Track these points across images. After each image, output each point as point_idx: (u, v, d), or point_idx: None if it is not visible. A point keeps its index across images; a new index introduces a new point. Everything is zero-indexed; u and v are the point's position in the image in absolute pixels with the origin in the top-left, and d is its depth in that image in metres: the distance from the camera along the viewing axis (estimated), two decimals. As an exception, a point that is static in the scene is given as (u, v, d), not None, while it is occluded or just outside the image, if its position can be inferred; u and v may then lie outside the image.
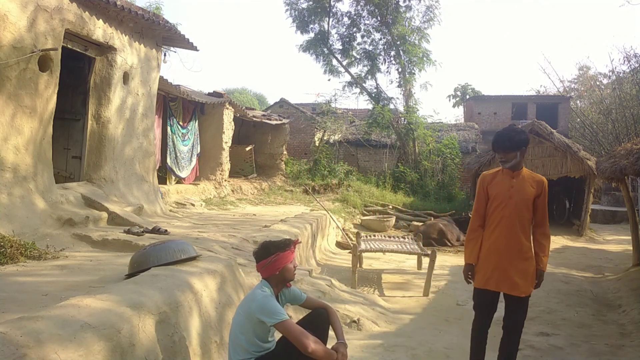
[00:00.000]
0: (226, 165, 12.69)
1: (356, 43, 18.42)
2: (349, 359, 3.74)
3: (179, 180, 11.03)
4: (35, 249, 4.52)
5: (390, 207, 13.61)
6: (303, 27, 17.93)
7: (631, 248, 8.21)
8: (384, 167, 17.85)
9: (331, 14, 17.96)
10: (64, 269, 4.11)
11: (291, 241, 2.95)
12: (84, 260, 4.55)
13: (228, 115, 12.59)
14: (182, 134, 10.89)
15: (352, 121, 20.64)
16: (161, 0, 24.37)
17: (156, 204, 8.24)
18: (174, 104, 10.54)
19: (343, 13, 18.24)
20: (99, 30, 6.59)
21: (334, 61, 18.40)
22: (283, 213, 10.01)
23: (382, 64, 18.32)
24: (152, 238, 5.47)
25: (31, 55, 5.24)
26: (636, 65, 16.91)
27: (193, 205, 9.95)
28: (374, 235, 8.83)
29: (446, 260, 8.77)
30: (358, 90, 18.78)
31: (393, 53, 18.00)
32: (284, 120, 16.58)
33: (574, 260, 9.01)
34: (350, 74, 18.59)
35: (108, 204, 6.54)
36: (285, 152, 17.01)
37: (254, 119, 15.09)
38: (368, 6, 17.64)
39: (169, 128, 10.33)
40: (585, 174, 12.30)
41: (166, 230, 6.06)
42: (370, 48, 18.28)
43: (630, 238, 8.36)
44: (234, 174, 14.13)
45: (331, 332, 2.98)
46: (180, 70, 39.79)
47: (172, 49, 10.38)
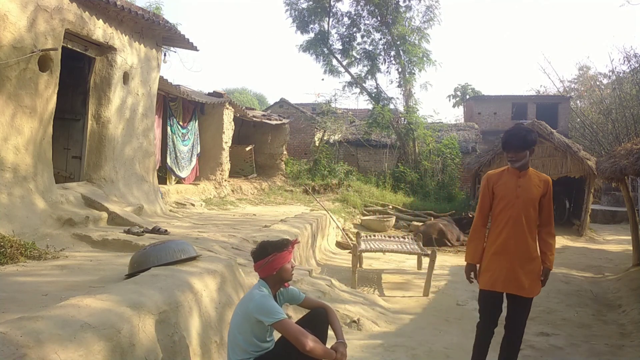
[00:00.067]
0: (226, 165, 12.69)
1: (356, 43, 18.45)
2: (349, 358, 3.74)
3: (179, 180, 11.03)
4: (35, 249, 4.52)
5: (390, 207, 13.61)
6: (303, 27, 17.93)
7: (631, 248, 8.21)
8: (384, 167, 17.86)
9: (331, 14, 17.96)
10: (64, 269, 4.11)
11: (289, 241, 2.93)
12: (84, 260, 4.55)
13: (228, 115, 12.59)
14: (182, 134, 10.89)
15: (352, 121, 20.64)
16: (161, 0, 24.38)
17: (156, 204, 8.25)
18: (174, 104, 10.54)
19: (343, 13, 18.28)
20: (99, 30, 6.59)
21: (334, 61, 18.42)
22: (283, 213, 10.01)
23: (382, 64, 18.35)
24: (152, 238, 5.47)
25: (31, 55, 5.24)
26: (636, 65, 16.92)
27: (193, 205, 9.96)
28: (374, 235, 8.83)
29: (446, 260, 8.77)
30: (358, 90, 18.79)
31: (393, 53, 18.00)
32: (284, 120, 16.58)
33: (574, 260, 9.01)
34: (350, 74, 18.61)
35: (108, 204, 6.54)
36: (285, 152, 17.01)
37: (254, 119, 15.09)
38: (368, 6, 17.64)
39: (169, 128, 10.33)
40: (585, 174, 12.30)
41: (166, 230, 6.06)
42: (370, 48, 18.30)
43: (630, 238, 8.37)
44: (234, 174, 14.13)
45: (331, 332, 2.98)
46: (180, 70, 39.85)
47: (172, 49, 10.39)
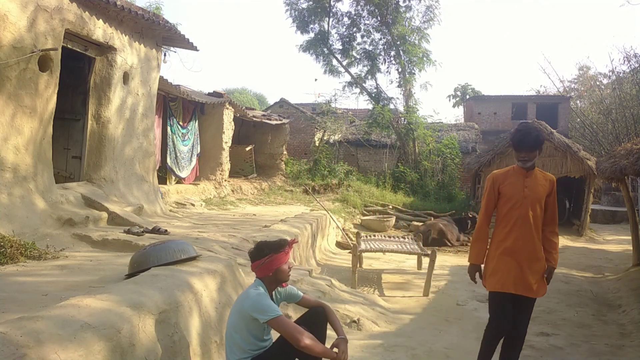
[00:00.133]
0: (226, 165, 12.69)
1: (356, 43, 18.44)
2: (349, 358, 3.74)
3: (179, 180, 11.03)
4: (35, 249, 4.52)
5: (390, 207, 13.61)
6: (303, 27, 17.93)
7: (631, 248, 8.21)
8: (384, 167, 17.86)
9: (331, 14, 17.96)
10: (64, 269, 4.11)
11: (286, 242, 2.92)
12: (84, 260, 4.55)
13: (228, 115, 12.59)
14: (182, 134, 10.89)
15: (352, 121, 20.64)
16: (161, 0, 24.38)
17: (156, 204, 8.25)
18: (174, 104, 10.54)
19: (343, 13, 18.28)
20: (99, 30, 6.59)
21: (334, 61, 18.42)
22: (283, 213, 10.01)
23: (382, 64, 18.35)
24: (152, 238, 5.47)
25: (31, 55, 5.24)
26: (636, 65, 16.91)
27: (193, 205, 9.96)
28: (374, 235, 8.83)
29: (446, 260, 8.77)
30: (358, 90, 18.79)
31: (393, 53, 18.00)
32: (284, 120, 16.58)
33: (574, 260, 9.01)
34: (350, 74, 18.61)
35: (108, 204, 6.54)
36: (285, 152, 17.01)
37: (254, 119, 15.09)
38: (368, 6, 17.64)
39: (169, 128, 10.33)
40: (585, 174, 12.31)
41: (166, 230, 6.06)
42: (370, 48, 18.30)
43: (630, 238, 8.36)
44: (234, 174, 14.13)
45: (331, 333, 2.97)
46: (180, 70, 39.82)
47: (172, 49, 10.38)
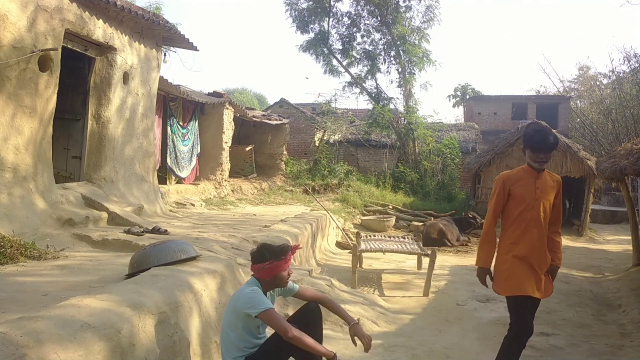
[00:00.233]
0: (226, 165, 12.69)
1: (356, 43, 18.42)
2: (348, 359, 3.74)
3: (179, 180, 11.03)
4: (35, 249, 4.52)
5: (390, 207, 13.60)
6: (303, 27, 17.92)
7: (631, 248, 8.21)
8: (384, 167, 17.86)
9: (331, 14, 17.95)
10: (64, 269, 4.11)
11: (288, 249, 2.90)
12: (84, 260, 4.55)
13: (228, 115, 12.59)
14: (182, 134, 10.89)
15: (352, 121, 20.64)
16: (161, 0, 24.38)
17: (156, 204, 8.25)
18: (174, 104, 10.54)
19: (343, 13, 18.26)
20: (99, 30, 6.59)
21: (334, 61, 18.41)
22: (283, 213, 10.01)
23: (382, 64, 18.33)
24: (152, 238, 5.47)
25: (31, 55, 5.24)
26: (636, 65, 16.91)
27: (193, 205, 9.95)
28: (374, 235, 8.82)
29: (446, 260, 8.77)
30: (358, 90, 18.78)
31: (393, 53, 17.99)
32: (284, 120, 16.58)
33: (574, 260, 9.01)
34: (350, 74, 18.60)
35: (108, 204, 6.54)
36: (285, 152, 17.01)
37: (254, 119, 15.09)
38: (368, 6, 17.64)
39: (169, 128, 10.33)
40: (585, 174, 12.31)
41: (166, 230, 6.06)
42: (370, 48, 18.29)
43: (630, 238, 8.36)
44: (234, 174, 14.13)
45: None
46: (180, 70, 39.82)
47: (172, 49, 10.38)
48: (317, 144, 18.86)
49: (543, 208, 3.23)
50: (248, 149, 15.28)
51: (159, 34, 8.27)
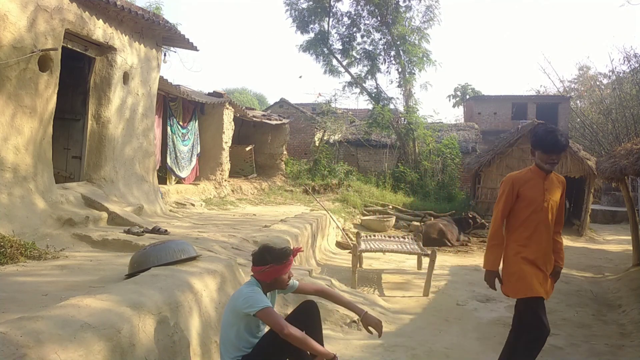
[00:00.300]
0: (226, 165, 12.69)
1: (356, 43, 18.44)
2: (348, 359, 3.74)
3: (179, 180, 11.03)
4: (35, 249, 4.52)
5: (390, 207, 13.60)
6: (303, 27, 17.93)
7: (631, 248, 8.21)
8: (384, 167, 17.86)
9: (331, 14, 17.96)
10: (64, 269, 4.11)
11: (289, 253, 2.89)
12: (84, 260, 4.55)
13: (228, 115, 12.59)
14: (182, 134, 10.89)
15: (352, 121, 20.64)
16: (161, 0, 24.38)
17: (156, 204, 8.25)
18: (174, 104, 10.54)
19: (343, 13, 18.27)
20: (99, 30, 6.59)
21: (334, 61, 18.42)
22: (283, 213, 10.01)
23: (382, 64, 18.35)
24: (152, 238, 5.47)
25: (31, 55, 5.24)
26: (636, 65, 16.91)
27: (193, 205, 9.95)
28: (374, 235, 8.82)
29: (446, 260, 8.76)
30: (358, 90, 18.79)
31: (393, 53, 18.00)
32: (284, 120, 16.58)
33: (574, 260, 9.00)
34: (350, 74, 18.61)
35: (108, 204, 6.54)
36: (285, 152, 17.01)
37: (254, 119, 15.09)
38: (368, 6, 17.64)
39: (169, 128, 10.33)
40: (585, 174, 12.31)
41: (166, 230, 6.06)
42: (370, 48, 18.30)
43: (630, 238, 8.36)
44: (234, 174, 14.13)
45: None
46: (180, 70, 39.78)
47: (172, 49, 10.38)
48: (317, 144, 18.87)
49: (551, 209, 3.22)
50: (248, 149, 15.29)
51: (159, 34, 8.27)
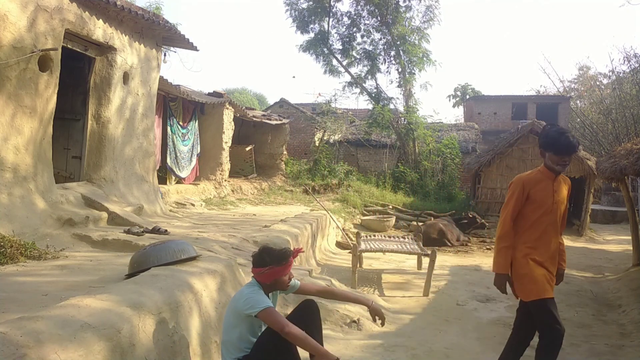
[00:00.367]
0: (226, 165, 12.69)
1: (356, 43, 18.45)
2: (348, 359, 3.74)
3: (179, 180, 11.03)
4: (35, 249, 4.52)
5: (390, 207, 13.60)
6: (303, 27, 17.93)
7: (631, 248, 8.21)
8: (384, 167, 17.86)
9: (331, 14, 17.96)
10: (64, 269, 4.11)
11: (289, 254, 2.88)
12: (84, 260, 4.55)
13: (228, 115, 12.59)
14: (182, 134, 10.89)
15: (352, 121, 20.64)
16: (161, 0, 24.38)
17: (156, 204, 8.25)
18: (174, 104, 10.54)
19: (343, 13, 18.29)
20: (99, 30, 6.59)
21: (334, 61, 18.43)
22: (283, 213, 10.01)
23: (382, 64, 18.36)
24: (152, 238, 5.47)
25: (31, 55, 5.24)
26: (636, 65, 16.91)
27: (193, 205, 9.95)
28: (374, 235, 8.82)
29: (446, 260, 8.76)
30: (358, 90, 18.80)
31: (393, 53, 18.00)
32: (284, 120, 16.58)
33: (574, 260, 9.00)
34: (350, 74, 18.61)
35: (108, 204, 6.54)
36: (285, 152, 17.01)
37: (254, 119, 15.09)
38: (368, 6, 17.65)
39: (169, 128, 10.33)
40: (585, 174, 12.30)
41: (166, 230, 6.06)
42: (370, 48, 18.31)
43: (630, 238, 8.36)
44: (234, 174, 14.13)
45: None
46: (180, 70, 39.80)
47: (172, 49, 10.38)
48: (317, 144, 18.87)
49: (560, 211, 3.22)
50: (248, 149, 15.28)
51: (159, 34, 8.27)
